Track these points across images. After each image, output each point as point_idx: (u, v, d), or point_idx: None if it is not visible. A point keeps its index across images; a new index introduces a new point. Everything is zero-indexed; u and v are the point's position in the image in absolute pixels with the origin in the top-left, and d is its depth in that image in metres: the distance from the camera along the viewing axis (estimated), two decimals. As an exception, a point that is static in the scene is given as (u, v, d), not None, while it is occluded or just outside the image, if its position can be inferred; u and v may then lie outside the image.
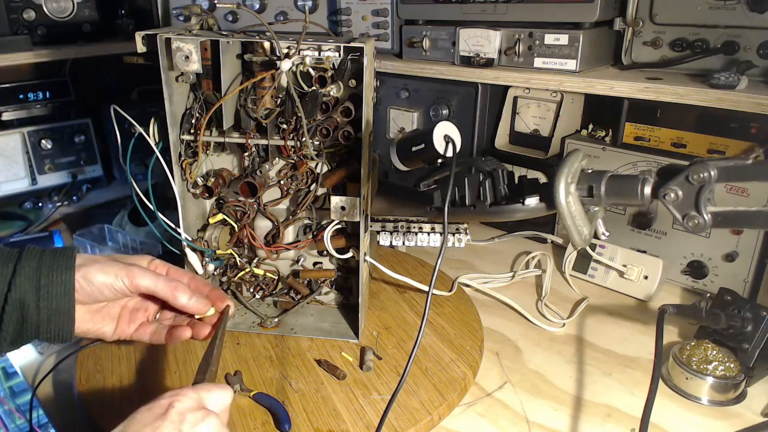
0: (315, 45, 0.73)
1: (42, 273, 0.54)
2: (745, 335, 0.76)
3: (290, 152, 0.78)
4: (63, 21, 1.38)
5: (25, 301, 0.54)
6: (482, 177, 0.67)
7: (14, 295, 0.54)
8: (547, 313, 0.94)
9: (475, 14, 1.01)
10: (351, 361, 0.80)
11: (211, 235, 0.83)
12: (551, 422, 0.72)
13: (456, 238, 0.88)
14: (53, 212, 1.40)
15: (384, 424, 0.61)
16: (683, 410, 0.74)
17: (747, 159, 0.51)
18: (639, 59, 0.96)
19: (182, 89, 0.78)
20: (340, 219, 0.79)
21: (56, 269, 0.55)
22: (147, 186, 0.75)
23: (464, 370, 0.78)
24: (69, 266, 0.56)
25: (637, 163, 0.99)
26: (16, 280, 0.54)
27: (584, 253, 1.04)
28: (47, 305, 0.54)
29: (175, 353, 0.81)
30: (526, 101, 1.13)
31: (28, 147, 1.39)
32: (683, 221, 0.53)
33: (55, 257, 0.56)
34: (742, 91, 0.79)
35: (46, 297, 0.54)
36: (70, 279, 0.55)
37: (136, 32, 0.72)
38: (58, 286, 0.55)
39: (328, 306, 0.93)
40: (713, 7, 0.85)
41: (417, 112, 1.19)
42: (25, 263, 0.55)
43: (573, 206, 0.57)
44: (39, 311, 0.54)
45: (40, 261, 0.55)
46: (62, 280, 0.55)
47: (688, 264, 0.97)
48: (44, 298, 0.54)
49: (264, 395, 0.73)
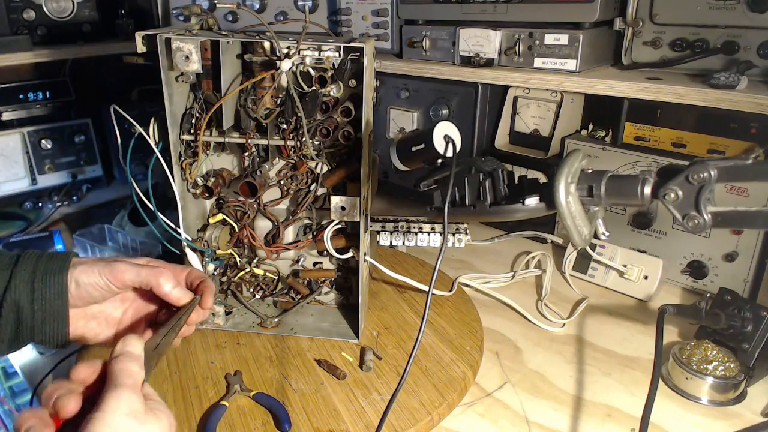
0: (315, 45, 0.73)
1: (36, 276, 0.55)
2: (745, 335, 0.76)
3: (290, 152, 0.78)
4: (63, 21, 1.38)
5: (20, 302, 0.54)
6: (482, 177, 0.67)
7: (10, 297, 0.54)
8: (547, 313, 0.94)
9: (475, 14, 1.01)
10: (351, 361, 0.80)
11: (211, 235, 0.83)
12: (551, 422, 0.72)
13: (456, 238, 0.88)
14: (53, 212, 1.41)
15: (384, 424, 0.61)
16: (683, 410, 0.74)
17: (747, 159, 0.51)
18: (639, 59, 0.96)
19: (182, 89, 0.77)
20: (340, 219, 0.79)
21: (50, 272, 0.56)
22: (147, 186, 0.75)
23: (464, 370, 0.78)
24: (62, 269, 0.56)
25: (637, 163, 0.99)
26: (12, 282, 0.54)
27: (584, 253, 1.04)
28: (41, 307, 0.55)
29: (175, 353, 0.81)
30: (526, 101, 1.13)
31: (28, 147, 1.39)
32: (683, 221, 0.53)
33: (51, 261, 0.57)
34: (742, 91, 0.79)
35: (40, 299, 0.55)
36: (62, 282, 0.56)
37: (136, 32, 0.72)
38: (51, 289, 0.55)
39: (328, 306, 0.93)
40: (713, 7, 0.85)
41: (417, 112, 1.19)
42: (22, 266, 0.55)
43: (573, 206, 0.57)
44: (33, 313, 0.55)
45: (36, 264, 0.56)
46: (55, 282, 0.55)
47: (688, 264, 0.97)
48: (38, 300, 0.55)
49: (264, 395, 0.73)
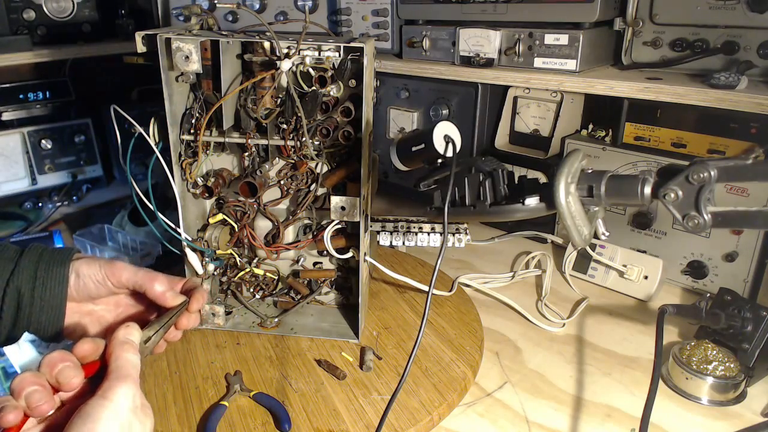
0: (315, 45, 0.73)
1: (40, 265, 0.58)
2: (745, 335, 0.76)
3: (290, 152, 0.78)
4: (63, 21, 1.38)
5: (21, 289, 0.57)
6: (482, 177, 0.67)
7: (13, 283, 0.57)
8: (547, 313, 0.94)
9: (475, 14, 1.01)
10: (351, 361, 0.80)
11: (211, 235, 0.83)
12: (551, 422, 0.72)
13: (456, 238, 0.88)
14: (53, 212, 1.40)
15: (384, 424, 0.61)
16: (683, 410, 0.74)
17: (747, 159, 0.51)
18: (639, 59, 0.96)
19: (182, 89, 0.77)
20: (340, 219, 0.79)
21: (53, 262, 0.58)
22: (147, 186, 0.75)
23: (464, 370, 0.78)
24: (65, 260, 0.59)
25: (637, 163, 0.99)
26: (17, 269, 0.57)
27: (584, 253, 1.03)
28: (41, 295, 0.57)
29: (175, 353, 0.81)
30: (526, 101, 1.13)
31: (28, 147, 1.39)
32: (683, 221, 0.53)
33: (55, 253, 0.59)
34: (742, 91, 0.79)
35: (41, 287, 0.57)
36: (64, 273, 0.58)
37: (136, 32, 0.72)
38: (52, 279, 0.58)
39: (328, 306, 0.93)
40: (713, 7, 0.85)
41: (417, 112, 1.19)
42: (26, 257, 0.58)
43: (573, 206, 0.57)
44: (33, 300, 0.57)
45: (41, 255, 0.59)
46: (57, 273, 0.58)
47: (688, 264, 0.97)
48: (39, 288, 0.57)
49: (264, 395, 0.73)
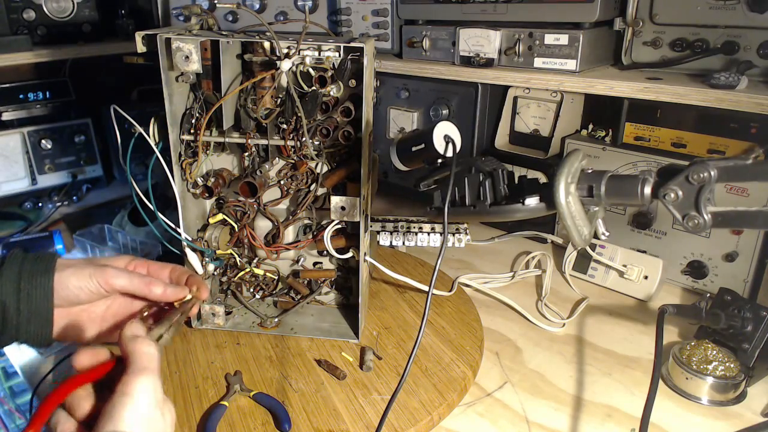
0: (315, 45, 0.73)
1: (22, 277, 0.57)
2: (745, 335, 0.76)
3: (290, 152, 0.78)
4: (63, 21, 1.39)
5: (6, 302, 0.56)
6: (482, 177, 0.67)
7: None
8: (547, 313, 0.94)
9: (475, 14, 1.01)
10: (351, 361, 0.80)
11: (211, 235, 0.83)
12: (551, 422, 0.72)
13: (456, 238, 0.88)
14: (53, 212, 1.40)
15: (384, 424, 0.61)
16: (683, 410, 0.74)
17: (747, 159, 0.51)
18: (639, 59, 0.96)
19: (182, 89, 0.77)
20: (340, 219, 0.79)
21: (36, 273, 0.57)
22: (147, 186, 0.75)
23: (464, 370, 0.78)
24: (48, 270, 0.57)
25: (637, 163, 0.99)
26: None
27: (584, 253, 1.04)
28: (27, 307, 0.56)
29: (175, 353, 0.81)
30: (526, 101, 1.13)
31: (28, 147, 1.39)
32: (683, 221, 0.53)
33: (36, 262, 0.58)
34: (742, 91, 0.79)
35: (26, 299, 0.56)
36: (48, 283, 0.57)
37: (136, 32, 0.72)
38: (37, 290, 0.57)
39: (328, 306, 0.93)
40: (713, 7, 0.85)
41: (417, 112, 1.19)
42: (7, 267, 0.57)
43: (573, 206, 0.57)
44: (19, 313, 0.56)
45: (21, 266, 0.57)
46: (41, 283, 0.57)
47: (688, 264, 0.97)
48: (24, 301, 0.56)
49: (264, 395, 0.73)
